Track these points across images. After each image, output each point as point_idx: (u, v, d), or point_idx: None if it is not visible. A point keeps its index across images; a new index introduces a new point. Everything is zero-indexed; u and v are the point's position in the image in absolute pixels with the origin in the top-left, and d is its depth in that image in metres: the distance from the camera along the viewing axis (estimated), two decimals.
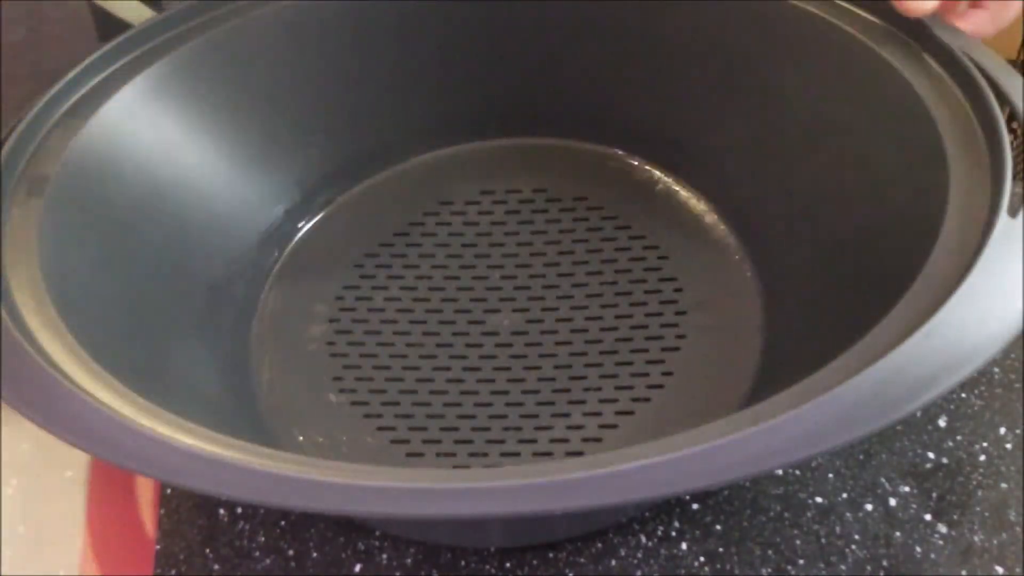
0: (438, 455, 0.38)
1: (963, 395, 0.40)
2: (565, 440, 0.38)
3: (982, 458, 0.38)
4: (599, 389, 0.40)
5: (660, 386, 0.40)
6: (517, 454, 0.38)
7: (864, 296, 0.33)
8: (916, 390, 0.24)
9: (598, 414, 0.39)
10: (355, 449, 0.39)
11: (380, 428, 0.39)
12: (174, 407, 0.28)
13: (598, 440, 0.38)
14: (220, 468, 0.25)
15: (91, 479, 0.40)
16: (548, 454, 0.38)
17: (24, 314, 0.30)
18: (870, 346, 0.27)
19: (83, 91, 0.39)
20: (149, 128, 0.40)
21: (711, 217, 0.46)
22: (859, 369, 0.25)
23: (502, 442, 0.39)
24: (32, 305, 0.31)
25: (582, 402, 0.39)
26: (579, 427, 0.39)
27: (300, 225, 0.48)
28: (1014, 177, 0.30)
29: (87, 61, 0.39)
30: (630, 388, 0.40)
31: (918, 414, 0.40)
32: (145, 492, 0.40)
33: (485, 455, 0.38)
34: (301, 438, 0.39)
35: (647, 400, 0.39)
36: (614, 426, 0.38)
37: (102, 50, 0.39)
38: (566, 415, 0.39)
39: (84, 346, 0.30)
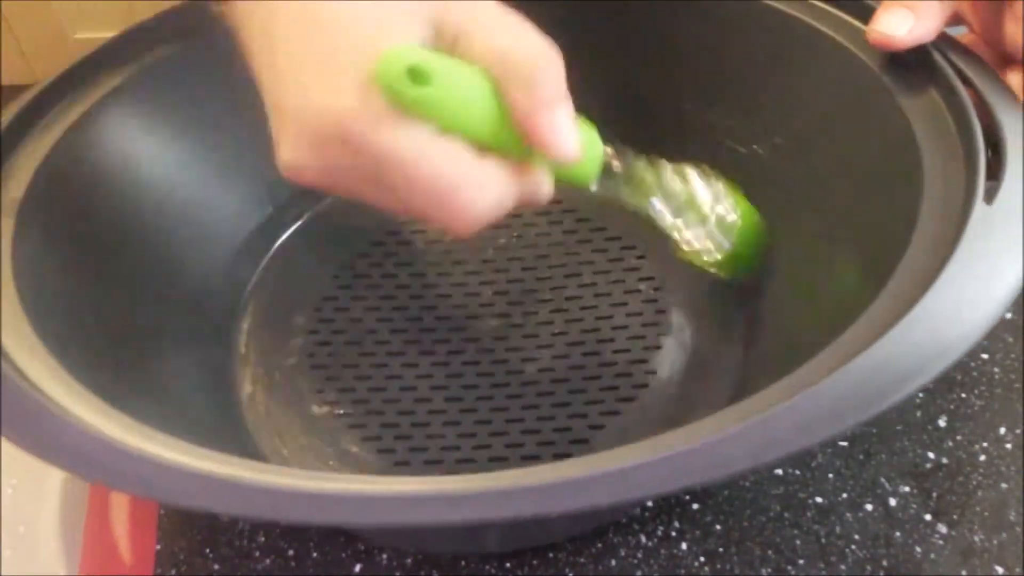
0: (425, 463, 0.38)
1: (963, 395, 0.40)
2: (551, 443, 0.38)
3: (982, 458, 0.38)
4: (583, 391, 0.40)
5: (644, 385, 0.40)
6: (505, 459, 0.38)
7: (846, 290, 0.33)
8: (901, 380, 0.25)
9: (584, 416, 0.39)
10: (341, 460, 0.38)
11: (365, 439, 0.39)
12: (158, 424, 0.28)
13: (585, 441, 0.38)
14: (208, 484, 0.25)
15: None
16: (536, 457, 0.38)
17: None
18: (854, 339, 0.27)
19: (58, 105, 0.38)
20: (123, 140, 0.40)
21: None
22: (844, 362, 0.25)
23: (488, 447, 0.38)
24: (10, 324, 0.30)
25: (567, 404, 0.39)
26: (566, 429, 0.39)
27: (276, 237, 0.47)
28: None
29: (59, 74, 0.38)
30: (615, 389, 0.40)
31: (918, 414, 0.40)
32: None
33: (472, 461, 0.38)
34: (286, 451, 0.39)
35: (632, 400, 0.39)
36: (600, 427, 0.39)
37: (75, 62, 0.39)
38: (551, 418, 0.39)
39: (64, 366, 0.29)
